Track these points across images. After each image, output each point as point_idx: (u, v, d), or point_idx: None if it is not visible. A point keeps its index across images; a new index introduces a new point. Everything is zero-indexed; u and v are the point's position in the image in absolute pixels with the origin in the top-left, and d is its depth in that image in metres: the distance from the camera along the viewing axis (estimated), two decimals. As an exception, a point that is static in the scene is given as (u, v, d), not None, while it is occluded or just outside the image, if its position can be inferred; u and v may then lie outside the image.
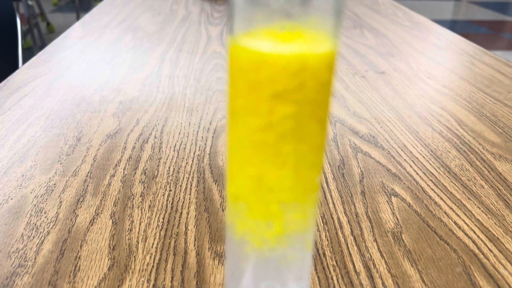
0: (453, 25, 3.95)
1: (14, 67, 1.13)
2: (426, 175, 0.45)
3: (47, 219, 0.37)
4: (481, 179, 0.45)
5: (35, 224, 0.36)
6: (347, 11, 1.18)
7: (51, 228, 0.36)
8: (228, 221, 0.18)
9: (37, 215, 0.37)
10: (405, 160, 0.48)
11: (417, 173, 0.45)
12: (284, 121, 0.13)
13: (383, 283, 0.32)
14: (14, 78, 0.66)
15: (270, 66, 0.13)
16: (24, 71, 0.69)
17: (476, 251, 0.35)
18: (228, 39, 0.13)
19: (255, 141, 0.14)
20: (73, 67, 0.72)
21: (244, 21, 0.13)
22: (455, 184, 0.44)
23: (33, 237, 0.35)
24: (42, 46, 2.60)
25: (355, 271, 0.33)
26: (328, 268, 0.33)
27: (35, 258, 0.33)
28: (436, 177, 0.45)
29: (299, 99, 0.13)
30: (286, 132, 0.13)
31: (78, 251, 0.34)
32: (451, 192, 0.43)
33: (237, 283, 0.19)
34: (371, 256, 0.34)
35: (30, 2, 2.52)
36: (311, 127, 0.14)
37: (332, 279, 0.32)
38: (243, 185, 0.16)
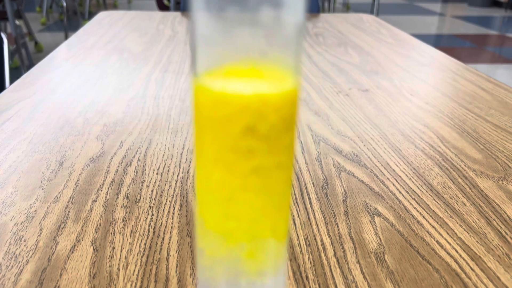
0: (438, 40, 4.02)
1: (1, 87, 1.12)
2: (408, 193, 0.46)
3: (27, 247, 0.36)
4: (463, 196, 0.45)
5: (14, 253, 0.36)
6: (331, 29, 1.20)
7: (31, 256, 0.35)
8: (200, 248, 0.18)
9: (16, 244, 0.37)
10: (388, 178, 0.48)
11: (400, 192, 0.46)
12: (248, 158, 0.13)
13: (365, 306, 0.32)
14: (-3, 101, 0.66)
15: (232, 106, 0.13)
16: (8, 94, 0.69)
17: (458, 270, 0.35)
18: (191, 77, 0.13)
19: (220, 179, 0.14)
20: (57, 90, 0.72)
21: (206, 60, 0.13)
22: (437, 202, 0.44)
23: (12, 266, 0.34)
24: (30, 65, 2.60)
25: (338, 294, 0.33)
26: (311, 291, 0.33)
27: (13, 289, 0.32)
28: (418, 196, 0.45)
29: (261, 135, 0.13)
30: (251, 169, 0.14)
31: (58, 281, 0.33)
32: (433, 211, 0.43)
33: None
34: (354, 278, 0.34)
35: (17, 22, 2.52)
36: (276, 161, 0.14)
37: (314, 303, 0.32)
38: (212, 212, 0.16)
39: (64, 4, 3.57)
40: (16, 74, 2.65)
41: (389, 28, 1.23)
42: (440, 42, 3.94)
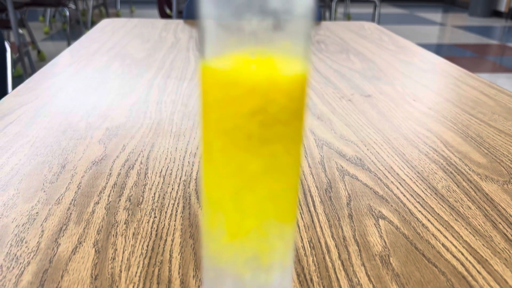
0: (439, 49, 4.04)
1: (3, 94, 1.12)
2: (413, 196, 0.45)
3: (28, 249, 0.36)
4: (468, 200, 0.45)
5: (15, 255, 0.35)
6: (333, 36, 1.20)
7: (32, 258, 0.35)
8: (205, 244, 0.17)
9: (18, 245, 0.36)
10: (392, 182, 0.48)
11: (404, 195, 0.45)
12: (257, 140, 0.13)
13: (371, 309, 0.31)
14: (0, 105, 0.66)
15: (241, 87, 0.13)
16: (11, 99, 0.69)
17: (465, 273, 0.35)
18: (199, 61, 0.13)
19: (225, 157, 0.14)
20: (60, 94, 0.72)
21: (216, 46, 0.13)
22: (442, 206, 0.44)
23: (13, 268, 0.34)
24: (32, 74, 2.61)
25: (343, 296, 0.32)
26: (316, 294, 0.32)
27: (13, 290, 0.32)
28: (423, 199, 0.45)
29: (270, 117, 0.13)
30: (259, 152, 0.13)
31: (59, 282, 0.33)
32: (438, 214, 0.42)
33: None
34: (359, 280, 0.34)
35: (20, 31, 2.53)
36: (284, 139, 0.14)
37: (319, 305, 0.31)
38: (220, 196, 0.16)
39: (67, 13, 3.60)
40: (18, 82, 2.66)
41: (391, 36, 1.23)
42: (441, 51, 3.95)
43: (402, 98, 0.74)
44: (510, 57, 3.78)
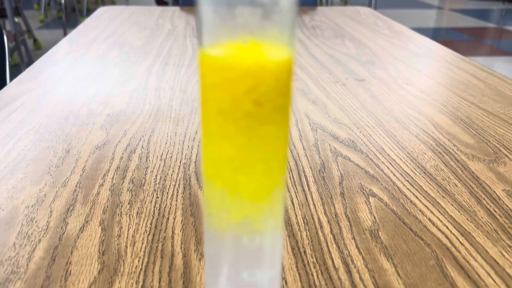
0: (436, 33, 4.04)
1: (2, 84, 1.14)
2: (402, 176, 0.47)
3: (38, 227, 0.38)
4: (455, 178, 0.47)
5: (27, 233, 0.37)
6: (329, 22, 1.21)
7: (42, 236, 0.37)
8: (206, 209, 0.20)
9: (28, 224, 0.39)
10: (382, 162, 0.50)
11: (394, 174, 0.48)
12: (249, 116, 0.15)
13: (360, 277, 0.33)
14: (2, 94, 0.68)
15: (235, 71, 0.15)
16: (13, 87, 0.71)
17: (449, 245, 0.37)
18: (197, 49, 0.14)
19: (224, 132, 0.16)
20: (61, 82, 0.73)
21: (212, 35, 0.15)
22: (430, 184, 0.46)
23: (25, 245, 0.36)
24: (29, 62, 2.61)
25: (334, 267, 0.34)
26: (309, 265, 0.35)
27: (27, 265, 0.34)
28: (412, 178, 0.47)
29: (260, 95, 0.15)
30: (251, 126, 0.15)
31: (69, 257, 0.35)
32: (426, 191, 0.45)
33: (216, 275, 0.21)
34: (349, 252, 0.36)
35: (16, 19, 2.53)
36: (274, 115, 0.16)
37: (312, 275, 0.34)
38: (216, 168, 0.18)
39: (62, 1, 3.58)
40: (16, 71, 2.66)
41: (386, 21, 1.25)
42: (438, 35, 3.95)
43: (394, 82, 0.76)
44: (507, 41, 3.78)
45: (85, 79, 0.75)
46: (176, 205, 0.42)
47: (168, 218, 0.40)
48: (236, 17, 0.15)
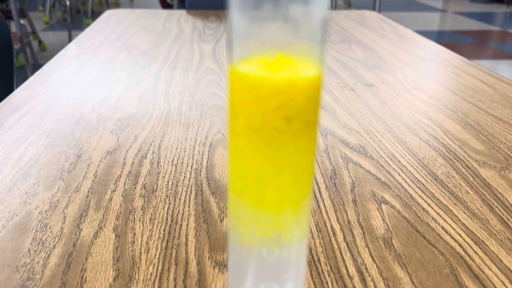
0: (440, 36, 4.03)
1: (10, 86, 1.14)
2: (414, 182, 0.47)
3: (52, 233, 0.38)
4: (466, 185, 0.47)
5: (41, 239, 0.38)
6: (335, 26, 1.21)
7: (57, 242, 0.37)
8: (231, 223, 0.20)
9: (42, 230, 0.39)
10: (393, 169, 0.50)
11: (405, 181, 0.48)
12: (279, 132, 0.15)
13: (375, 286, 0.33)
14: (12, 98, 0.68)
15: (266, 88, 0.15)
16: (22, 91, 0.71)
17: (463, 253, 0.37)
18: (228, 66, 0.15)
19: (254, 146, 0.16)
20: (70, 86, 0.74)
21: (241, 51, 0.15)
22: (441, 191, 0.46)
23: (40, 251, 0.36)
24: (35, 64, 2.62)
25: (349, 275, 0.34)
26: (323, 273, 0.35)
27: (42, 271, 0.34)
28: (423, 185, 0.47)
29: (291, 112, 0.15)
30: (282, 137, 0.16)
31: (84, 264, 0.35)
32: (438, 199, 0.45)
33: (238, 286, 0.21)
34: (363, 260, 0.36)
35: (22, 21, 2.54)
36: (303, 130, 0.16)
37: (327, 283, 0.34)
38: (245, 182, 0.18)
39: (67, 3, 3.59)
40: (21, 73, 2.67)
41: (392, 24, 1.25)
42: (442, 38, 3.95)
43: (403, 87, 0.76)
44: (511, 44, 3.77)
45: (94, 83, 0.75)
46: (188, 211, 0.42)
47: (181, 225, 0.40)
48: (266, 32, 0.15)
